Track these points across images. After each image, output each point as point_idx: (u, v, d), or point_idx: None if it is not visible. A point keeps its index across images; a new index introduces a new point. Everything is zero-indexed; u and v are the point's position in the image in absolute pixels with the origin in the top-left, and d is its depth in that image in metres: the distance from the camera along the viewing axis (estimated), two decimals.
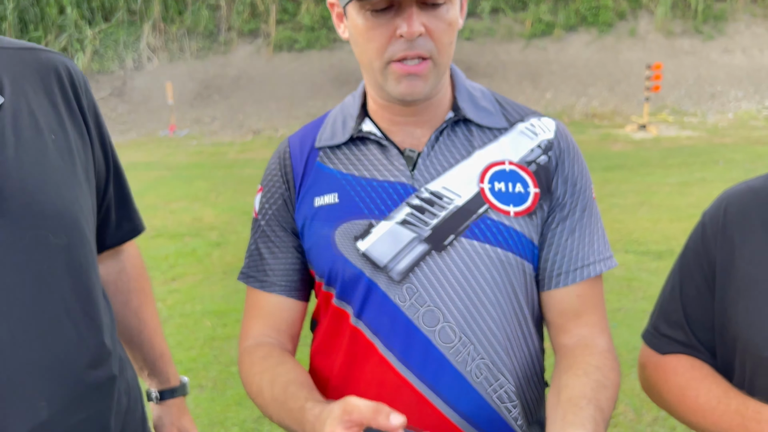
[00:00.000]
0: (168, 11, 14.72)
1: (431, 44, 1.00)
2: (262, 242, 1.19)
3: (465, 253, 1.05)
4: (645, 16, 14.28)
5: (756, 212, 1.09)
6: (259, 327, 1.19)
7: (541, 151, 1.10)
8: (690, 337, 1.16)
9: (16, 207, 0.98)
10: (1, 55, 1.03)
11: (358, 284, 1.07)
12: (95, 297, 1.10)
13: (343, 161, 1.13)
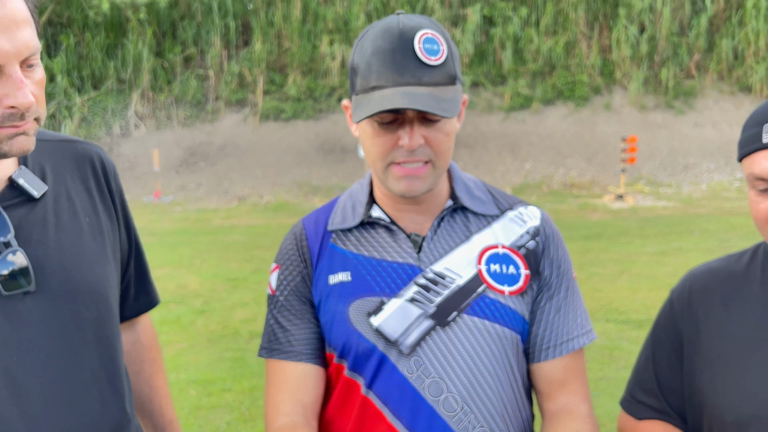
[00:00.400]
0: (157, 80, 15.07)
1: (430, 151, 1.12)
2: (282, 316, 1.25)
3: (467, 328, 1.15)
4: (619, 91, 14.90)
5: (716, 291, 1.22)
6: (288, 403, 1.21)
7: (530, 237, 1.22)
8: (663, 403, 1.26)
9: (55, 283, 1.08)
10: (45, 147, 1.15)
11: (371, 357, 1.16)
12: (119, 367, 1.18)
13: (354, 243, 1.23)
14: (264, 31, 15.17)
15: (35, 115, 1.02)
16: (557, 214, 10.63)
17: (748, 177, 1.10)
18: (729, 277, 1.22)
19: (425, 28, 1.11)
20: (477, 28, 14.93)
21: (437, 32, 1.11)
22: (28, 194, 1.10)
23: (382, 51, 1.10)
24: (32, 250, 1.07)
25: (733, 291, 1.20)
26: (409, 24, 1.11)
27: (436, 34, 1.11)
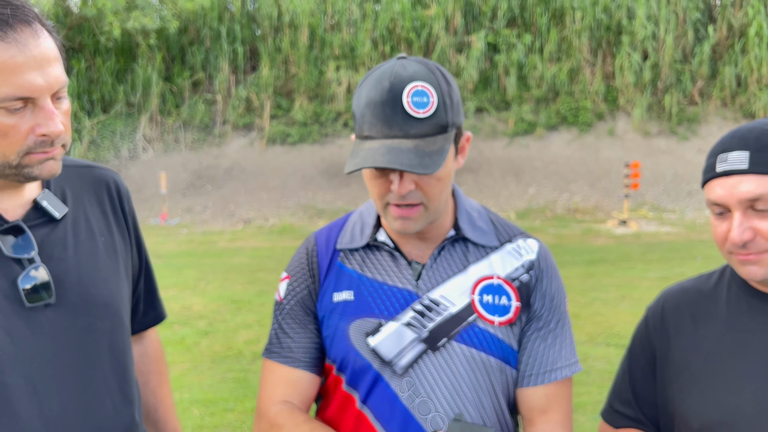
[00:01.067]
0: (165, 104, 15.30)
1: (421, 195, 1.18)
2: (286, 323, 1.33)
3: (455, 355, 1.23)
4: (623, 117, 15.03)
5: (686, 308, 1.32)
6: (282, 396, 1.29)
7: (524, 270, 1.29)
8: (638, 413, 1.35)
9: (73, 297, 1.18)
10: (66, 172, 1.25)
11: (367, 375, 1.24)
12: (129, 376, 1.27)
13: (360, 262, 1.31)
14: (271, 56, 15.42)
15: (63, 142, 1.13)
16: (561, 239, 10.69)
17: (707, 202, 1.21)
18: (698, 296, 1.33)
19: (417, 81, 1.15)
20: (481, 54, 15.14)
21: (429, 83, 1.16)
22: (51, 215, 1.20)
23: (374, 103, 1.15)
24: (53, 266, 1.17)
25: (702, 308, 1.30)
26: (401, 75, 1.15)
27: (426, 86, 1.15)
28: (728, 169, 1.15)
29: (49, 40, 1.10)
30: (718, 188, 1.17)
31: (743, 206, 1.13)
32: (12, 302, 1.12)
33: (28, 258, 1.14)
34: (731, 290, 1.28)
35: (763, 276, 1.17)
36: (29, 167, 1.11)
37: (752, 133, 1.16)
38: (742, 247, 1.15)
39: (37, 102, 1.08)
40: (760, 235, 1.13)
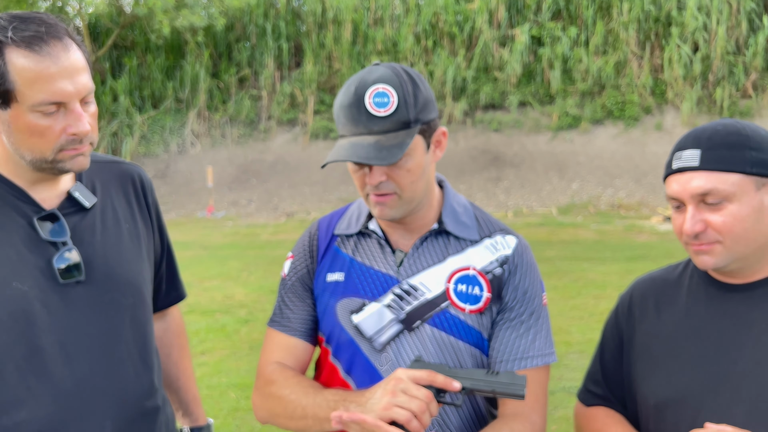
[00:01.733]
0: (213, 100, 15.70)
1: (393, 185, 1.30)
2: (288, 297, 1.48)
3: (426, 336, 1.36)
4: (671, 111, 14.71)
5: (651, 296, 1.42)
6: (278, 358, 1.45)
7: (498, 264, 1.40)
8: (606, 392, 1.46)
9: (100, 276, 1.33)
10: (96, 167, 1.41)
11: (349, 348, 1.38)
12: (149, 346, 1.42)
13: (353, 248, 1.45)
14: (315, 52, 15.65)
15: (90, 140, 1.29)
16: (602, 235, 10.58)
17: (666, 197, 1.30)
18: (664, 285, 1.42)
19: (379, 83, 1.29)
20: (525, 48, 15.03)
21: (391, 85, 1.29)
22: (82, 205, 1.36)
23: (343, 106, 1.31)
24: (83, 249, 1.32)
25: (665, 296, 1.40)
26: (366, 80, 1.30)
27: (387, 87, 1.29)
28: (682, 166, 1.25)
29: (78, 53, 1.25)
30: (674, 184, 1.27)
31: (695, 200, 1.23)
32: (48, 279, 1.28)
33: (62, 241, 1.30)
34: (693, 279, 1.38)
35: (713, 265, 1.25)
36: (62, 162, 1.27)
37: (705, 133, 1.26)
38: (695, 238, 1.24)
39: (68, 106, 1.23)
40: (711, 227, 1.22)
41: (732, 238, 1.22)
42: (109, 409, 1.32)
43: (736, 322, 1.28)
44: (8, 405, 1.23)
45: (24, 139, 1.24)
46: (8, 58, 1.19)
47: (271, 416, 1.40)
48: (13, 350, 1.24)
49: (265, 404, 1.41)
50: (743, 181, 1.21)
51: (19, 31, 1.20)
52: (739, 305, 1.29)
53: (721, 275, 1.32)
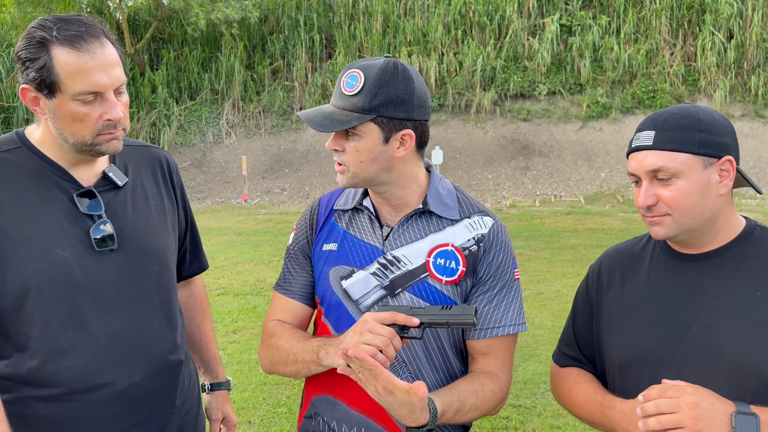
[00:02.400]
0: (247, 92, 16.02)
1: (344, 157, 1.50)
2: (290, 265, 1.68)
3: (406, 302, 1.53)
4: (703, 100, 14.52)
5: (618, 266, 1.59)
6: (279, 316, 1.66)
7: (474, 242, 1.57)
8: (579, 354, 1.63)
9: (131, 245, 1.57)
10: (128, 151, 1.65)
11: (338, 309, 1.58)
12: (173, 308, 1.67)
13: (347, 222, 1.64)
14: (346, 44, 15.84)
15: (123, 126, 1.52)
16: (629, 224, 10.60)
17: (627, 173, 1.47)
18: (629, 256, 1.59)
19: (358, 69, 1.47)
20: (555, 37, 14.98)
21: (365, 73, 1.46)
22: (115, 183, 1.60)
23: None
24: (116, 222, 1.56)
25: (630, 266, 1.56)
26: (355, 65, 1.49)
27: (360, 73, 1.47)
28: (638, 145, 1.42)
29: (112, 49, 1.49)
30: (632, 161, 1.44)
31: (648, 176, 1.40)
32: (86, 247, 1.52)
33: (97, 215, 1.54)
34: (654, 250, 1.54)
35: (664, 235, 1.42)
36: (99, 145, 1.50)
37: (662, 116, 1.43)
38: (648, 210, 1.41)
39: (104, 95, 1.46)
40: (662, 201, 1.39)
41: (679, 211, 1.38)
42: (138, 360, 1.55)
43: (690, 288, 1.43)
44: (53, 354, 1.47)
45: (67, 124, 1.45)
46: (53, 54, 1.40)
47: (271, 365, 1.61)
48: (57, 308, 1.47)
49: (267, 354, 1.62)
50: (691, 161, 1.37)
51: (63, 30, 1.41)
52: (694, 274, 1.44)
53: (679, 246, 1.48)
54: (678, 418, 1.25)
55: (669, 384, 1.31)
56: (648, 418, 1.29)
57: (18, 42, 1.46)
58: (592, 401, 1.50)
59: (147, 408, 1.58)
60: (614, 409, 1.43)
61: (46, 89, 1.43)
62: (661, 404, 1.28)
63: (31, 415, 1.41)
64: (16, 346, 1.47)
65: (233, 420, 1.93)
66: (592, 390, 1.53)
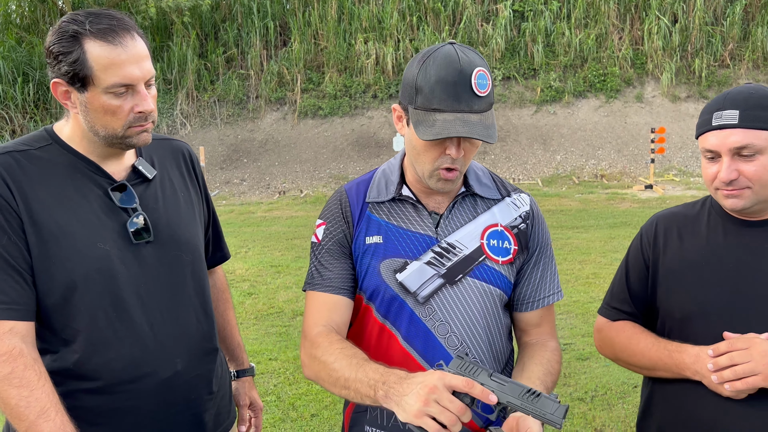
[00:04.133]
0: (201, 81, 15.75)
1: (463, 162, 1.47)
2: (325, 260, 1.57)
3: (469, 287, 1.55)
4: (651, 83, 14.99)
5: (674, 227, 1.70)
6: (325, 320, 1.53)
7: (521, 220, 1.62)
8: (633, 308, 1.74)
9: (164, 237, 1.60)
10: (152, 144, 1.66)
11: (395, 303, 1.54)
12: (207, 297, 1.70)
13: (386, 213, 1.58)
14: (301, 31, 15.71)
15: (152, 118, 1.53)
16: (586, 204, 10.92)
17: (702, 150, 1.57)
18: (685, 219, 1.70)
19: (479, 66, 1.41)
20: (508, 22, 15.20)
21: (486, 68, 1.43)
22: (145, 176, 1.62)
23: (445, 82, 1.39)
24: (149, 214, 1.58)
25: (687, 228, 1.68)
26: (467, 60, 1.41)
27: (485, 70, 1.42)
28: (722, 123, 1.50)
29: (142, 43, 1.50)
30: (712, 138, 1.52)
31: (731, 153, 1.50)
32: (124, 240, 1.53)
33: (131, 208, 1.56)
34: (711, 215, 1.66)
35: (742, 206, 1.53)
36: (130, 137, 1.51)
37: (741, 95, 1.51)
38: (728, 185, 1.51)
39: (135, 88, 1.47)
40: (743, 175, 1.50)
41: (761, 184, 1.49)
42: (179, 348, 1.57)
43: (751, 251, 1.56)
44: (100, 346, 1.49)
45: (99, 117, 1.46)
46: (86, 48, 1.41)
47: (316, 378, 1.48)
48: (101, 301, 1.48)
49: (312, 366, 1.48)
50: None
51: (95, 24, 1.42)
52: (754, 238, 1.57)
53: (737, 213, 1.59)
54: (752, 366, 1.40)
55: (736, 337, 1.46)
56: (722, 371, 1.43)
57: (48, 36, 1.46)
58: (658, 347, 1.61)
59: (188, 395, 1.61)
60: (686, 352, 1.54)
61: (79, 83, 1.44)
62: (734, 356, 1.43)
63: (78, 407, 1.42)
64: (63, 341, 1.48)
65: (260, 404, 1.98)
66: (653, 338, 1.65)
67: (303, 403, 4.18)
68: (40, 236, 1.44)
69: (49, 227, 1.45)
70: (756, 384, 1.42)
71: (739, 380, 1.43)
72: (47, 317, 1.47)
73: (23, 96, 14.85)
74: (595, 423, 3.83)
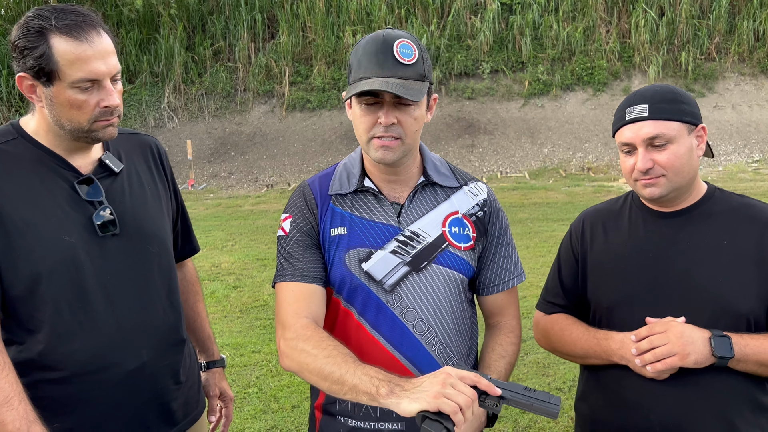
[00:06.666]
0: (188, 73, 15.68)
1: (401, 130, 1.48)
2: (294, 251, 1.57)
3: (434, 274, 1.59)
4: (638, 76, 15.06)
5: (600, 222, 1.80)
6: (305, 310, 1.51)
7: (479, 208, 1.67)
8: (565, 301, 1.84)
9: (130, 230, 1.62)
10: (119, 139, 1.68)
11: (361, 292, 1.56)
12: (174, 289, 1.72)
13: (349, 205, 1.60)
14: (289, 23, 15.66)
15: (118, 113, 1.55)
16: (572, 197, 10.99)
17: (619, 145, 1.67)
18: (609, 214, 1.80)
19: (403, 38, 1.47)
20: (496, 15, 15.22)
21: (413, 42, 1.48)
22: (111, 170, 1.63)
23: (369, 52, 1.46)
24: (116, 207, 1.60)
25: (611, 222, 1.78)
26: (392, 34, 1.48)
27: (411, 42, 1.48)
28: (634, 117, 1.61)
29: (108, 39, 1.51)
30: (627, 132, 1.63)
31: (645, 144, 1.60)
32: (89, 232, 1.55)
33: (98, 201, 1.58)
34: (632, 209, 1.76)
35: (659, 194, 1.63)
36: (95, 131, 1.52)
37: (648, 92, 1.63)
38: (645, 174, 1.60)
39: (101, 83, 1.49)
40: (658, 164, 1.60)
41: (673, 171, 1.59)
42: (145, 340, 1.60)
43: (667, 241, 1.66)
44: (65, 337, 1.51)
45: (64, 111, 1.47)
46: (52, 43, 1.42)
47: (300, 369, 1.45)
48: (67, 292, 1.50)
49: (297, 357, 1.44)
50: (680, 127, 1.59)
51: (61, 20, 1.43)
52: (669, 228, 1.68)
53: (655, 205, 1.70)
54: (669, 348, 1.52)
55: (655, 321, 1.57)
56: (644, 354, 1.54)
57: (14, 31, 1.47)
58: (588, 336, 1.71)
59: (155, 386, 1.63)
60: (612, 339, 1.65)
61: (44, 77, 1.45)
62: (653, 340, 1.55)
63: (43, 398, 1.44)
64: (28, 331, 1.50)
65: (230, 395, 2.00)
66: (584, 328, 1.75)
67: (284, 394, 4.21)
68: (5, 229, 1.46)
69: (13, 220, 1.47)
70: (674, 364, 1.52)
71: (659, 362, 1.53)
72: (12, 308, 1.49)
73: (8, 89, 14.75)
74: (571, 413, 3.88)
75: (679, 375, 1.55)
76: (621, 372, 1.64)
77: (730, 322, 1.57)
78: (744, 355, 1.52)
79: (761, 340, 1.54)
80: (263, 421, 3.86)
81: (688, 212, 1.68)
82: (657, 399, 1.59)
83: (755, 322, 1.58)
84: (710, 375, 1.54)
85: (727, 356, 1.51)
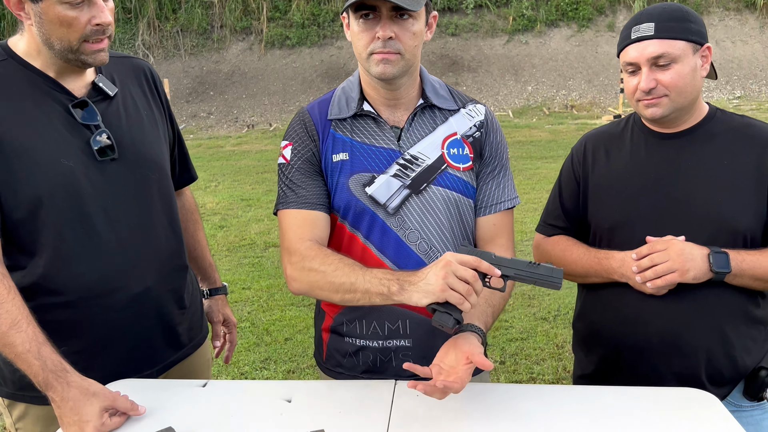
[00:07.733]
0: (162, 9, 15.17)
1: (399, 45, 1.47)
2: (296, 178, 1.58)
3: (434, 195, 1.60)
4: (623, 11, 14.87)
5: (602, 145, 1.81)
6: (309, 234, 1.54)
7: (476, 129, 1.67)
8: (566, 223, 1.87)
9: (129, 155, 1.58)
10: (111, 62, 1.63)
11: (366, 216, 1.58)
12: (175, 215, 1.70)
13: (350, 129, 1.60)
14: None
15: (109, 33, 1.49)
16: (555, 134, 10.99)
17: (623, 65, 1.65)
18: (611, 136, 1.82)
19: None
20: None
21: None
22: (106, 93, 1.58)
23: None
24: (113, 131, 1.56)
25: (613, 145, 1.79)
26: None
27: None
28: (640, 36, 1.59)
29: None
30: (632, 51, 1.61)
31: (649, 63, 1.59)
32: (88, 156, 1.52)
33: (94, 125, 1.54)
34: (634, 131, 1.77)
35: (661, 114, 1.63)
36: (85, 55, 1.47)
37: (656, 10, 1.60)
38: (647, 94, 1.60)
39: (93, 1, 1.43)
40: (661, 83, 1.59)
41: (677, 91, 1.59)
42: (148, 264, 1.59)
43: (668, 161, 1.68)
44: (69, 260, 1.50)
45: (54, 29, 1.41)
46: None
47: (311, 288, 1.49)
48: (69, 216, 1.48)
49: (306, 278, 1.49)
50: (686, 47, 1.58)
51: None
52: (671, 149, 1.69)
53: (656, 126, 1.70)
54: (669, 265, 1.56)
55: (655, 240, 1.60)
56: (645, 272, 1.58)
57: None
58: (589, 256, 1.75)
59: (160, 310, 1.64)
60: (612, 258, 1.68)
61: None
62: (654, 257, 1.58)
63: (49, 321, 1.44)
64: (31, 255, 1.48)
65: (233, 320, 2.02)
66: (584, 249, 1.78)
67: (277, 328, 4.27)
68: (2, 152, 1.42)
69: (10, 143, 1.43)
70: (674, 280, 1.57)
71: (659, 278, 1.57)
72: (15, 233, 1.46)
73: None
74: (557, 340, 4.00)
75: (676, 290, 1.60)
76: (620, 289, 1.68)
77: (728, 239, 1.61)
78: (740, 269, 1.57)
79: (757, 256, 1.59)
80: (257, 354, 3.92)
81: (690, 133, 1.68)
82: (655, 313, 1.64)
83: (752, 238, 1.62)
84: (707, 289, 1.60)
85: (725, 271, 1.56)
